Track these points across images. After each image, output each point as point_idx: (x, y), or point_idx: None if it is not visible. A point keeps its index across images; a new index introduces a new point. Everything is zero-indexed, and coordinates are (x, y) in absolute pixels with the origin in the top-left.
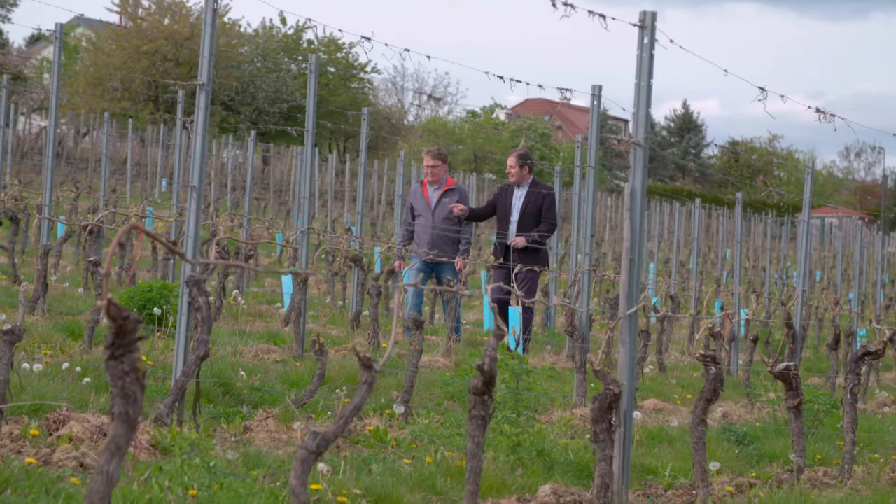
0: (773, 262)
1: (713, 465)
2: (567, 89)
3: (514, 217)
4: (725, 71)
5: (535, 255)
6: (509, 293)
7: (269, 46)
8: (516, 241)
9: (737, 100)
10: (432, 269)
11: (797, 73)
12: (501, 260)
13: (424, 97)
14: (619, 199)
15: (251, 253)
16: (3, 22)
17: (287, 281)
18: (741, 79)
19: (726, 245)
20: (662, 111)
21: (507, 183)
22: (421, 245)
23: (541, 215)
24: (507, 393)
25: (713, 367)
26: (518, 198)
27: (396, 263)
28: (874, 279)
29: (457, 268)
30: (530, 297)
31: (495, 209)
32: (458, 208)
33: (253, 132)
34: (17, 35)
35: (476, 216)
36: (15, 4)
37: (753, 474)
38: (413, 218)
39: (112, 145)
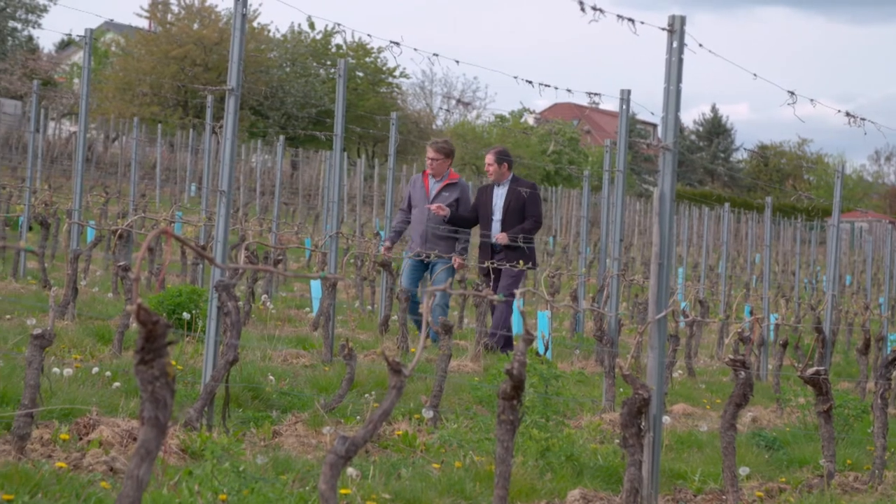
0: (802, 266)
1: (743, 470)
2: (596, 94)
3: (497, 216)
4: (755, 75)
5: (522, 253)
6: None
7: (297, 51)
8: (499, 236)
9: (766, 104)
10: (426, 266)
11: (827, 77)
12: (486, 260)
13: (453, 102)
14: (648, 203)
15: (280, 257)
16: (34, 27)
17: (316, 285)
18: (770, 83)
19: (755, 249)
20: (691, 115)
21: (488, 183)
22: (414, 237)
23: (524, 213)
24: (536, 397)
25: (743, 372)
26: (499, 196)
27: (385, 246)
28: None
29: (455, 266)
30: (511, 293)
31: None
32: (436, 207)
33: (282, 137)
34: (48, 40)
35: (463, 221)
36: (45, 10)
37: (783, 479)
38: (410, 208)
39: (141, 150)
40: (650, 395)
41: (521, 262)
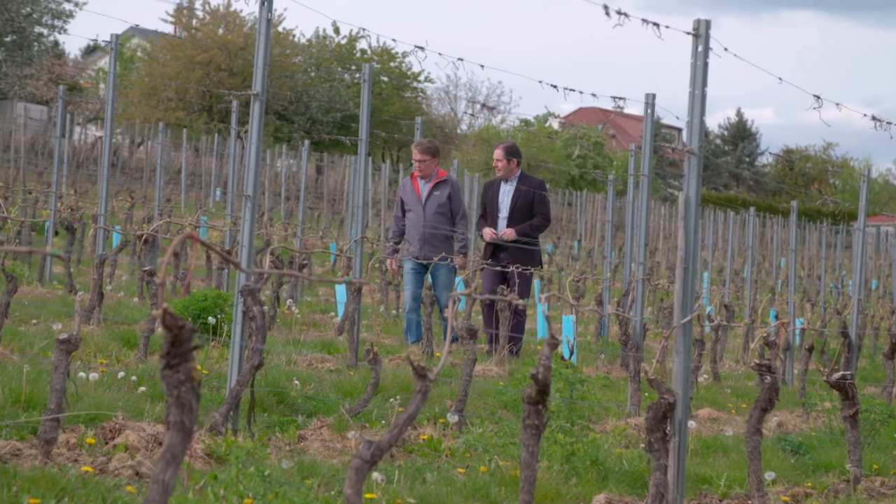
0: (828, 270)
1: (768, 475)
2: (621, 98)
3: (503, 214)
4: (780, 79)
5: (527, 254)
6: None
7: (322, 56)
8: (506, 232)
9: (792, 108)
10: (426, 268)
11: (853, 81)
12: (491, 260)
13: (478, 106)
14: (673, 207)
15: (305, 262)
16: (60, 33)
17: (341, 290)
18: (796, 87)
19: (781, 254)
20: (716, 119)
21: (494, 179)
22: (412, 242)
23: (532, 210)
24: (562, 402)
25: (768, 377)
26: (506, 193)
27: (388, 261)
28: None
29: (457, 265)
30: (523, 299)
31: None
32: (508, 234)
33: (306, 141)
34: (73, 46)
35: (534, 230)
36: (71, 16)
37: (809, 484)
38: (403, 213)
39: (166, 155)
40: (675, 400)
41: (528, 264)
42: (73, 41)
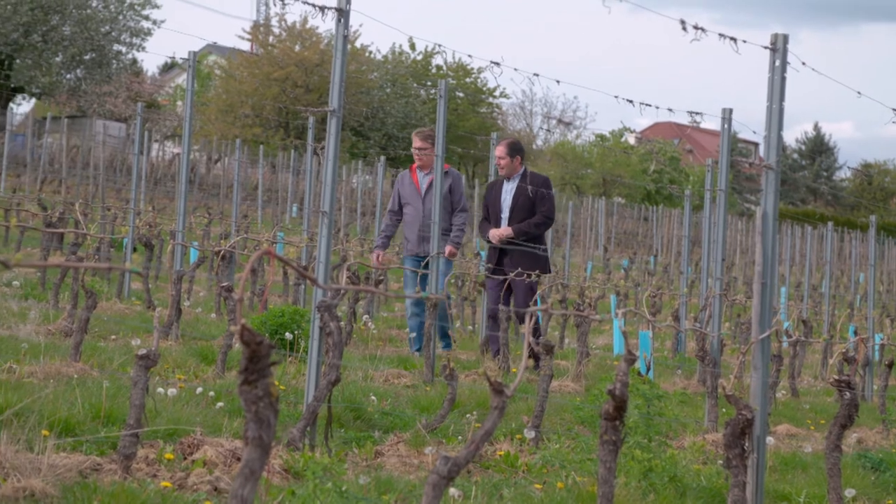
0: None
1: (848, 492)
2: (697, 112)
3: (505, 214)
4: (859, 93)
5: (533, 259)
6: (505, 303)
7: (398, 72)
8: (500, 232)
9: (870, 122)
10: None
11: None
12: (495, 265)
13: (553, 121)
14: (750, 222)
15: (381, 278)
16: (138, 51)
17: None
18: (875, 101)
19: (859, 269)
20: (794, 133)
21: (496, 178)
22: (410, 238)
23: (534, 209)
24: (639, 418)
25: (848, 393)
26: (508, 191)
27: (374, 254)
28: None
29: (446, 254)
30: (526, 306)
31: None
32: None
33: (382, 157)
34: (151, 63)
35: (537, 227)
36: (149, 34)
37: (890, 502)
38: (400, 207)
39: (243, 171)
40: (753, 416)
41: (534, 269)
42: (151, 59)
